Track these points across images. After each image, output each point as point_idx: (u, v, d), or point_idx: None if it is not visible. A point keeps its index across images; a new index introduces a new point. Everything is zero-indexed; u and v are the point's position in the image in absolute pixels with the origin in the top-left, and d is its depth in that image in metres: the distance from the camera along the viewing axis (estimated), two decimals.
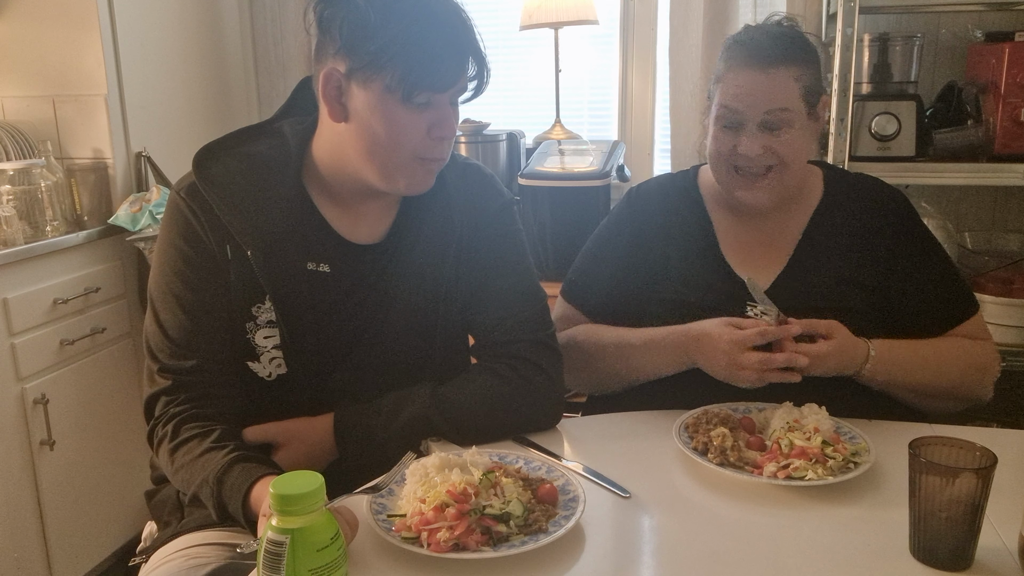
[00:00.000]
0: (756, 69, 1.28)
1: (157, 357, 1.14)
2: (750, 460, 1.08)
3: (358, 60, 1.06)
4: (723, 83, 1.32)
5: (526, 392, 1.20)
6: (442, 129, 1.10)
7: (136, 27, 2.45)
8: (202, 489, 1.03)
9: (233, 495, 0.99)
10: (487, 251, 1.25)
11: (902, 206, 1.40)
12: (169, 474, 1.11)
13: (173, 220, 1.15)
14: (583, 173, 2.45)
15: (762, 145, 1.29)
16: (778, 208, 1.38)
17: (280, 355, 1.16)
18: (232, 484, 1.00)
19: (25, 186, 2.21)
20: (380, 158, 1.11)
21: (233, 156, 1.17)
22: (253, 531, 0.97)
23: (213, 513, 1.02)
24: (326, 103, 1.11)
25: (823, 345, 1.20)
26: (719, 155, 1.34)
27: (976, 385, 1.33)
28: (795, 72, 1.28)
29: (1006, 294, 2.11)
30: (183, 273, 1.13)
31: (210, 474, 1.02)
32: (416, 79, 1.05)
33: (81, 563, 2.29)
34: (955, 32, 2.39)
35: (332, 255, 1.18)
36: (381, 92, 1.06)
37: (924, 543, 0.88)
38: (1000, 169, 2.09)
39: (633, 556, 0.94)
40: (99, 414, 2.34)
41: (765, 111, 1.28)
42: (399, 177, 1.12)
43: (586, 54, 2.85)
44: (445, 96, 1.10)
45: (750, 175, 1.32)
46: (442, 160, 1.15)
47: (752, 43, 1.30)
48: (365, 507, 0.94)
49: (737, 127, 1.31)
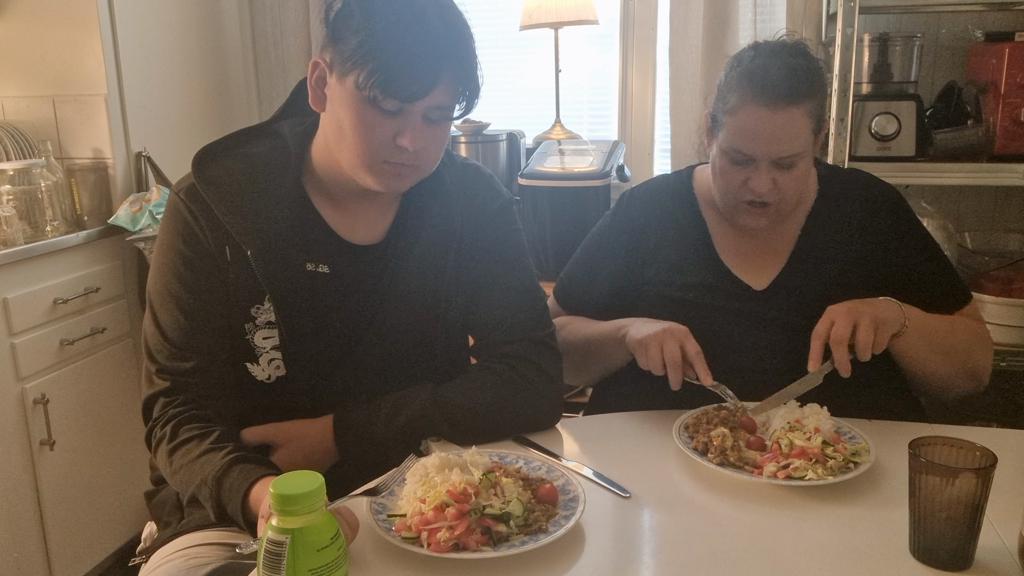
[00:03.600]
0: (769, 109, 1.25)
1: (155, 358, 1.13)
2: (750, 460, 1.08)
3: (339, 53, 1.06)
4: (734, 118, 1.28)
5: (526, 392, 1.20)
6: (406, 140, 1.07)
7: (136, 27, 2.45)
8: (201, 490, 1.03)
9: (232, 496, 0.99)
10: (486, 251, 1.25)
11: (895, 200, 1.40)
12: (167, 475, 1.11)
13: (172, 221, 1.15)
14: (583, 173, 2.45)
15: (772, 179, 1.29)
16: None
17: (279, 356, 1.16)
18: (231, 485, 1.00)
19: (25, 186, 2.21)
20: (346, 151, 1.10)
21: (232, 157, 1.17)
22: (252, 532, 0.97)
23: (212, 514, 1.02)
24: (310, 89, 1.12)
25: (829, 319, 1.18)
26: (727, 188, 1.33)
27: (982, 356, 1.33)
28: (807, 108, 1.26)
29: (1006, 294, 2.11)
30: (182, 275, 1.13)
31: (209, 475, 1.02)
32: (383, 83, 1.02)
33: (81, 563, 2.29)
34: (955, 32, 2.39)
35: (331, 256, 1.18)
36: (352, 89, 1.05)
37: (924, 543, 0.88)
38: (1000, 169, 2.09)
39: (633, 556, 0.94)
40: (99, 414, 2.34)
41: (778, 156, 1.27)
42: (365, 174, 1.11)
43: (586, 54, 2.85)
44: (416, 107, 1.06)
45: (756, 204, 1.32)
46: (414, 166, 1.11)
47: (767, 80, 1.25)
48: (365, 507, 0.94)
49: (746, 163, 1.29)
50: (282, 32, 2.96)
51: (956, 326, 1.33)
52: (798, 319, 1.25)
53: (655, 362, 1.21)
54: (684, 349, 1.21)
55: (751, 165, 1.29)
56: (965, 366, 1.32)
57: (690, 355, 1.21)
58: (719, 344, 1.27)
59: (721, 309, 1.35)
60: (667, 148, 2.72)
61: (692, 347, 1.21)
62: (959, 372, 1.32)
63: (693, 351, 1.21)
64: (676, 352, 1.20)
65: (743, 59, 1.31)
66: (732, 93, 1.29)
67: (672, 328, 1.24)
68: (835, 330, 1.16)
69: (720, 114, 1.32)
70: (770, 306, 1.34)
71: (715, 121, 1.34)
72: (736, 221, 1.38)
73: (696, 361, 1.21)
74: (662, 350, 1.21)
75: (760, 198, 1.30)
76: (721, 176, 1.34)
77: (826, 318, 1.19)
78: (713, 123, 1.35)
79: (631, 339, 1.27)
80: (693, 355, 1.21)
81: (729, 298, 1.36)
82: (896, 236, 1.37)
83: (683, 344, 1.21)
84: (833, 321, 1.18)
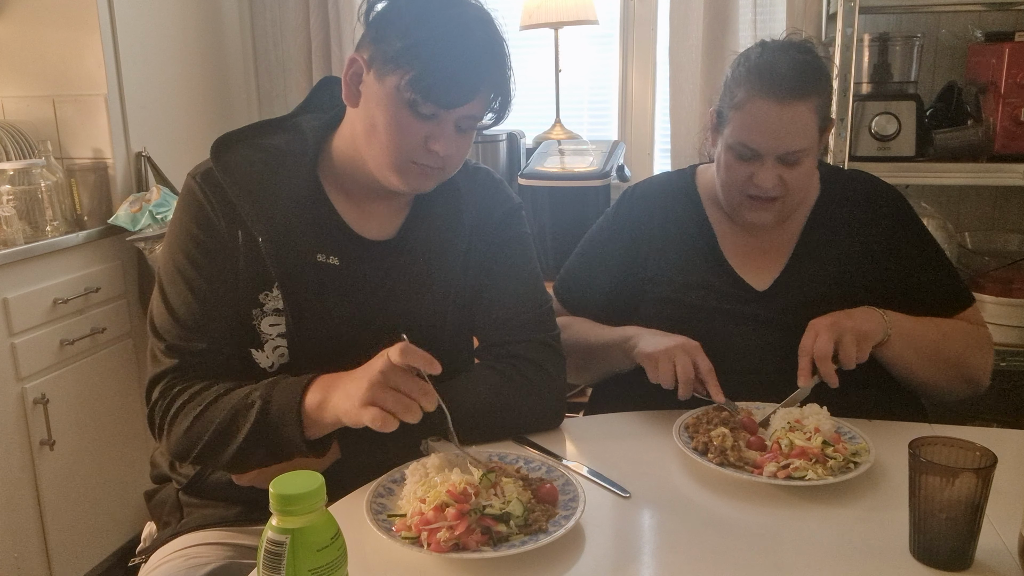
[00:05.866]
0: (776, 103, 1.25)
1: (163, 337, 1.14)
2: (750, 460, 1.08)
3: (381, 53, 1.08)
4: (741, 113, 1.28)
5: (528, 392, 1.20)
6: (438, 145, 1.10)
7: (136, 27, 2.45)
8: (240, 414, 1.05)
9: (288, 399, 1.04)
10: (494, 253, 1.26)
11: (898, 201, 1.40)
12: (182, 429, 1.09)
13: (186, 204, 1.16)
14: (583, 173, 2.45)
15: (777, 176, 1.29)
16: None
17: (284, 344, 1.16)
18: (285, 387, 1.05)
19: (25, 186, 2.21)
20: (376, 149, 1.12)
21: (250, 146, 1.18)
22: (303, 441, 1.03)
23: (248, 435, 1.04)
24: (344, 84, 1.14)
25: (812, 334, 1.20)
26: (732, 184, 1.33)
27: (978, 361, 1.33)
28: (814, 104, 1.26)
29: (1006, 294, 2.11)
30: (194, 256, 1.14)
31: (252, 392, 1.06)
32: (426, 89, 1.06)
33: (81, 563, 2.29)
34: (955, 32, 2.39)
35: (342, 248, 1.18)
36: (391, 90, 1.08)
37: (924, 543, 0.88)
38: (1000, 169, 2.09)
39: (633, 556, 0.94)
40: (99, 414, 2.34)
41: (784, 151, 1.27)
42: (391, 172, 1.12)
43: (586, 54, 2.85)
44: (451, 115, 1.10)
45: (760, 200, 1.32)
46: (440, 168, 1.14)
47: (774, 74, 1.25)
48: (365, 507, 0.94)
49: (752, 158, 1.29)
50: (282, 32, 2.96)
51: (950, 331, 1.32)
52: (798, 320, 1.25)
53: (666, 377, 1.21)
54: (696, 365, 1.21)
55: (757, 161, 1.29)
56: (959, 371, 1.32)
57: (703, 371, 1.20)
58: (719, 345, 1.26)
59: (722, 311, 1.35)
60: (667, 148, 2.72)
61: (704, 363, 1.21)
62: (953, 377, 1.32)
63: (706, 368, 1.21)
64: (689, 368, 1.20)
65: (750, 56, 1.31)
66: (739, 88, 1.29)
67: (685, 344, 1.23)
68: (818, 346, 1.19)
69: (726, 109, 1.32)
70: (770, 307, 1.34)
71: (721, 117, 1.34)
72: (740, 217, 1.37)
73: (708, 378, 1.20)
74: (674, 365, 1.20)
75: (765, 194, 1.30)
76: (726, 171, 1.33)
77: (810, 332, 1.21)
78: (719, 119, 1.35)
79: (641, 352, 1.26)
80: (705, 372, 1.20)
81: (730, 299, 1.36)
82: (898, 239, 1.37)
83: (695, 360, 1.21)
84: (816, 335, 1.19)
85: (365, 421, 0.96)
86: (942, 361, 1.30)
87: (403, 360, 0.96)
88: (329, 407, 1.01)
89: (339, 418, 1.01)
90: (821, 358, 1.18)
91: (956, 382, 1.33)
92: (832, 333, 1.19)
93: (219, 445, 1.07)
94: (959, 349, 1.32)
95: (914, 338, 1.27)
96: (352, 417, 0.98)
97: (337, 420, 1.01)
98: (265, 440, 1.05)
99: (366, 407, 0.96)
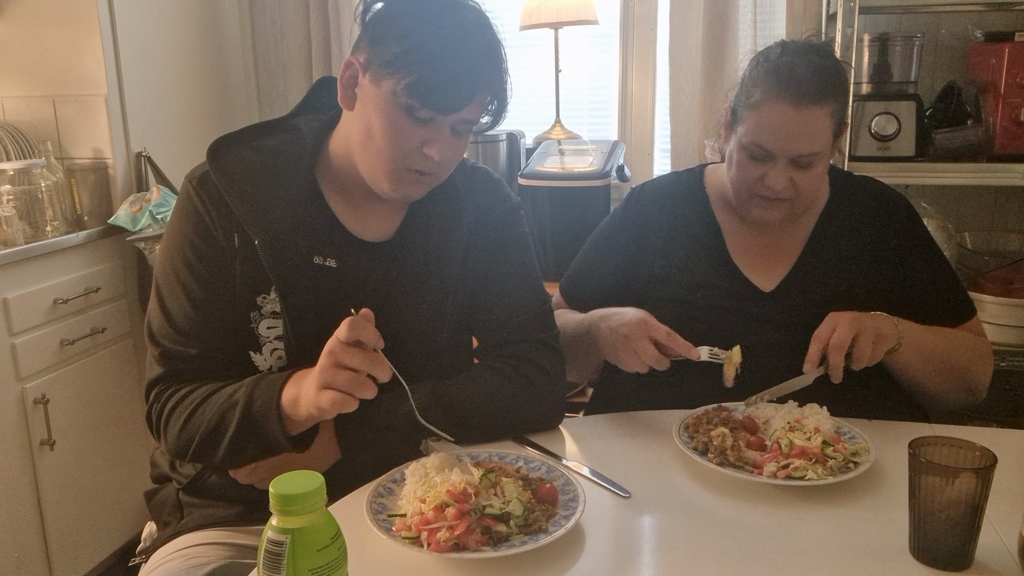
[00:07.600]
0: (793, 107, 1.24)
1: (159, 342, 1.14)
2: (750, 460, 1.08)
3: (378, 57, 1.07)
4: (757, 113, 1.27)
5: (527, 391, 1.20)
6: (433, 150, 1.09)
7: (136, 27, 2.45)
8: (227, 413, 1.06)
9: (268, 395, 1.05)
10: (493, 253, 1.26)
11: (906, 209, 1.41)
12: (176, 430, 1.10)
13: (183, 209, 1.16)
14: (583, 173, 2.45)
15: (788, 178, 1.29)
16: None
17: (281, 347, 1.16)
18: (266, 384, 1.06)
19: (25, 186, 2.21)
20: (371, 154, 1.11)
21: (248, 147, 1.18)
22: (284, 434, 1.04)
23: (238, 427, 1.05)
24: (340, 87, 1.13)
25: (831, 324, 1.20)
26: (743, 183, 1.33)
27: (980, 372, 1.34)
28: (830, 108, 1.26)
29: (1006, 294, 2.11)
30: (190, 262, 1.14)
31: (237, 390, 1.07)
32: (423, 94, 1.05)
33: (81, 563, 2.29)
34: (955, 32, 2.39)
35: (340, 250, 1.18)
36: (388, 94, 1.07)
37: (924, 543, 0.88)
38: (1000, 169, 2.09)
39: (633, 556, 0.94)
40: (99, 414, 2.34)
41: (797, 154, 1.27)
42: (383, 178, 1.12)
43: (586, 54, 2.85)
44: (448, 119, 1.09)
45: (770, 200, 1.32)
46: (433, 174, 1.14)
47: (793, 77, 1.25)
48: (365, 507, 0.94)
49: (765, 159, 1.29)
50: (282, 32, 2.96)
51: (955, 342, 1.33)
52: (803, 321, 1.25)
53: (639, 367, 1.23)
54: (655, 341, 1.21)
55: (769, 162, 1.29)
56: (961, 382, 1.33)
57: (663, 340, 1.21)
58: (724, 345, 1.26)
59: (727, 310, 1.35)
60: (667, 148, 2.72)
61: (660, 333, 1.22)
62: (954, 387, 1.33)
63: (663, 335, 1.21)
64: (649, 350, 1.21)
65: (770, 55, 1.31)
66: (756, 88, 1.28)
67: (632, 330, 1.23)
68: (836, 335, 1.18)
69: (742, 108, 1.31)
70: (776, 308, 1.34)
71: (735, 115, 1.34)
72: (748, 215, 1.37)
73: (671, 342, 1.21)
74: (636, 355, 1.22)
75: (775, 195, 1.30)
76: (737, 170, 1.33)
77: (828, 323, 1.20)
78: (733, 116, 1.34)
79: (607, 354, 1.28)
80: (665, 339, 1.21)
81: (736, 299, 1.36)
82: (906, 247, 1.37)
83: (651, 337, 1.22)
84: (835, 327, 1.18)
85: (324, 406, 0.96)
86: (947, 371, 1.31)
87: (350, 336, 0.96)
88: (301, 400, 1.02)
89: (308, 410, 1.00)
90: (836, 347, 1.17)
91: (956, 391, 1.34)
92: (852, 328, 1.18)
93: (211, 444, 1.08)
94: (963, 361, 1.32)
95: (923, 347, 1.27)
96: (313, 405, 0.99)
97: (309, 413, 1.01)
98: (252, 437, 1.05)
99: (321, 391, 0.97)
